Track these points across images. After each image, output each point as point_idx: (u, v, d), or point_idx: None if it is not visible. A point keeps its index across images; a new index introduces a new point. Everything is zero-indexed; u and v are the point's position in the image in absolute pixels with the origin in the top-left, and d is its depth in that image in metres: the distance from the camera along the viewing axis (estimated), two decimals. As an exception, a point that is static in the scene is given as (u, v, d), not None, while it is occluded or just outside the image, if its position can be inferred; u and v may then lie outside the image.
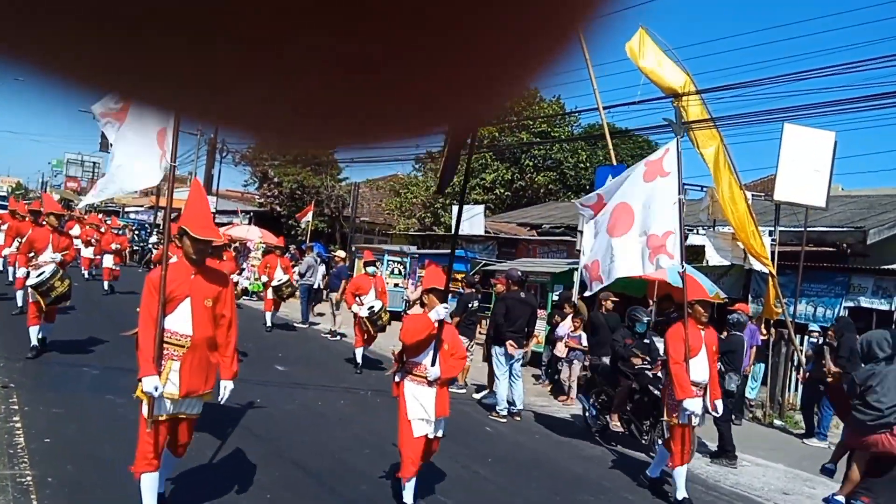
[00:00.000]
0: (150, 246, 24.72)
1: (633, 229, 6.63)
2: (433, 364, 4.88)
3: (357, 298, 10.51)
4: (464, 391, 10.07)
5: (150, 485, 4.09)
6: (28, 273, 8.45)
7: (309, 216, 20.92)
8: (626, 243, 6.63)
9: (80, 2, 0.34)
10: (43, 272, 7.98)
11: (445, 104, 0.42)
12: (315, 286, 16.32)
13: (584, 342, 10.05)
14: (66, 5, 0.34)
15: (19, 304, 10.67)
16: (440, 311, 4.85)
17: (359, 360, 10.56)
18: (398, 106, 0.41)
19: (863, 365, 4.63)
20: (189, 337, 4.05)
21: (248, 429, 6.58)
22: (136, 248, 25.65)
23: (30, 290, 8.11)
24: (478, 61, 0.38)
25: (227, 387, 4.40)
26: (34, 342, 8.19)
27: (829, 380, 8.04)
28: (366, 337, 10.47)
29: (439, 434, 5.06)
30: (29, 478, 4.67)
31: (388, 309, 10.60)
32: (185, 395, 4.03)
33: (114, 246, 16.67)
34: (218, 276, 4.34)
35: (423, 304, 5.23)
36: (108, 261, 16.64)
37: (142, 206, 40.71)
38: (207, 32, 0.35)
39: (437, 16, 0.35)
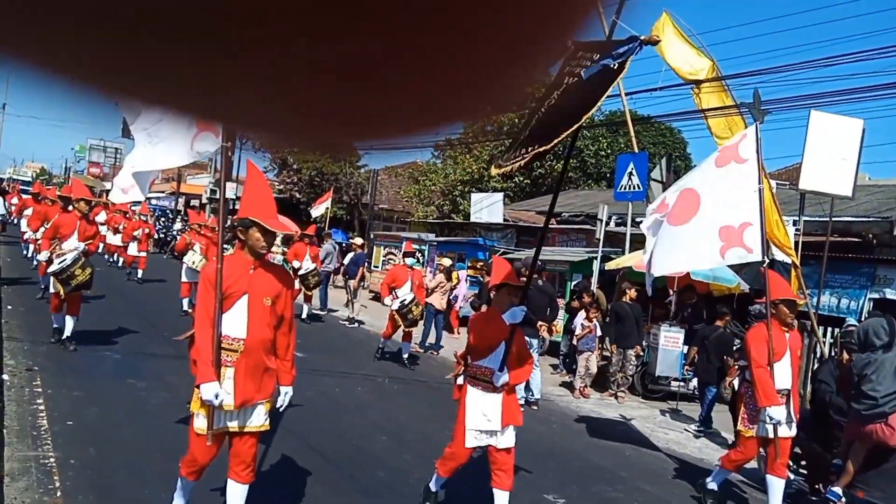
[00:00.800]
0: (174, 233, 24.64)
1: (698, 217, 5.98)
2: (501, 369, 4.41)
3: (392, 291, 10.18)
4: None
5: (187, 487, 3.93)
6: (50, 258, 8.21)
7: (325, 204, 20.95)
8: (688, 233, 5.99)
9: (79, 2, 0.33)
10: (64, 259, 7.83)
11: (446, 103, 0.41)
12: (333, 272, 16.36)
13: (599, 331, 9.99)
14: (66, 5, 0.33)
15: (43, 286, 10.56)
16: (517, 313, 4.36)
17: (380, 346, 10.45)
18: (398, 105, 0.41)
19: (860, 354, 4.53)
20: (242, 340, 3.65)
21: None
22: (161, 234, 25.72)
23: (51, 279, 7.97)
24: (478, 59, 0.37)
25: (286, 393, 4.01)
26: (56, 325, 8.21)
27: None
28: (397, 329, 10.14)
29: (509, 444, 4.56)
30: (52, 460, 4.75)
31: (418, 303, 10.23)
32: (240, 405, 3.66)
33: (137, 233, 16.58)
34: (279, 272, 3.93)
35: (489, 302, 4.77)
36: (133, 248, 16.56)
37: (163, 192, 41.17)
38: (207, 32, 0.34)
39: (436, 15, 0.34)
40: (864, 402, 3.97)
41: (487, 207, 19.05)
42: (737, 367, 6.75)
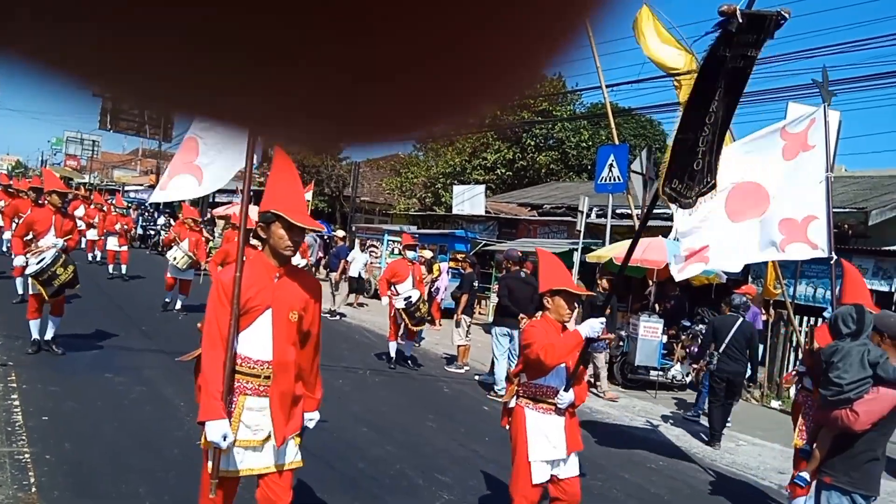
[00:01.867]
0: (158, 228, 23.72)
1: (768, 214, 5.50)
2: (567, 388, 3.87)
3: (392, 287, 9.49)
4: (462, 371, 10.09)
5: None
6: (27, 261, 7.33)
7: (308, 195, 20.83)
8: (752, 228, 5.55)
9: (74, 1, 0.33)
10: (43, 258, 7.11)
11: (446, 103, 0.41)
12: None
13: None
14: (61, 3, 0.33)
15: (20, 291, 9.86)
16: (595, 326, 3.76)
17: (392, 354, 9.63)
18: (399, 106, 0.40)
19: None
20: (268, 363, 3.03)
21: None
22: (141, 229, 24.63)
23: (30, 280, 7.25)
24: (481, 60, 0.37)
25: (312, 419, 3.34)
26: (34, 335, 7.38)
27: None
28: (402, 331, 9.52)
29: (575, 472, 4.00)
30: (27, 455, 4.69)
31: (425, 300, 9.62)
32: (281, 443, 3.06)
33: (117, 226, 15.59)
34: (306, 280, 3.21)
35: (543, 308, 4.04)
36: (112, 243, 15.45)
37: (142, 184, 40.70)
38: (206, 32, 0.33)
39: (437, 15, 0.34)
40: (830, 389, 4.03)
41: (469, 199, 19.04)
42: (795, 372, 6.24)
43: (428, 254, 12.54)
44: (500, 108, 0.44)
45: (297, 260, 11.55)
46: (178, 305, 11.53)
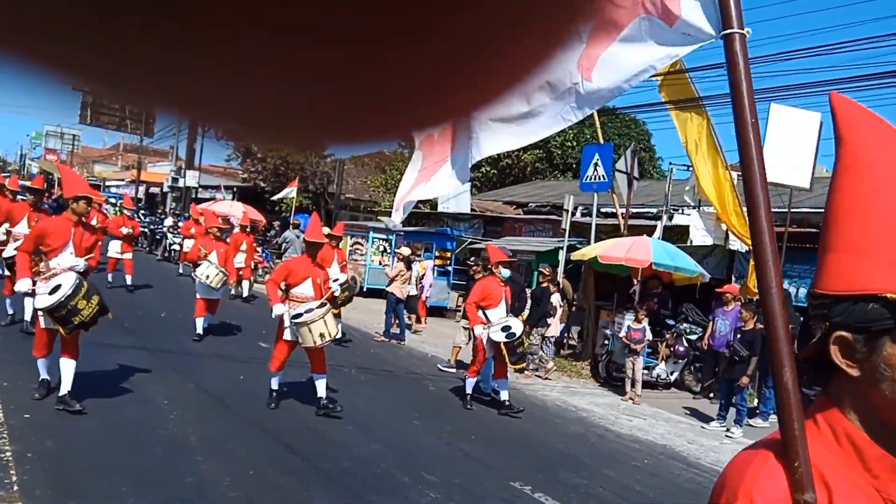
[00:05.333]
0: (165, 230, 20.92)
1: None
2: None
3: (483, 314, 7.91)
4: (454, 370, 10.09)
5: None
6: (34, 284, 5.60)
7: (289, 190, 20.66)
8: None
9: None
10: (58, 286, 5.34)
11: (445, 102, 0.40)
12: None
13: (648, 334, 9.54)
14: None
15: (10, 311, 8.22)
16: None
17: (469, 391, 8.07)
18: (395, 106, 0.39)
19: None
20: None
21: (232, 406, 6.57)
22: (147, 231, 21.60)
23: (40, 314, 5.52)
24: (479, 58, 0.36)
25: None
26: (43, 376, 5.86)
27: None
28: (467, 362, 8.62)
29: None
30: (8, 453, 4.62)
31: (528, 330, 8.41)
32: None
33: (123, 230, 13.08)
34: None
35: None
36: (115, 248, 13.09)
37: (123, 180, 40.27)
38: (195, 26, 0.32)
39: (435, 14, 0.33)
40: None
41: (455, 197, 19.04)
42: None
43: (405, 250, 12.44)
44: (487, 108, 0.43)
45: (337, 274, 9.86)
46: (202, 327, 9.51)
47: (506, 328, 7.47)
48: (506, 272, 7.90)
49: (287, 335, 6.52)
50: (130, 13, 0.32)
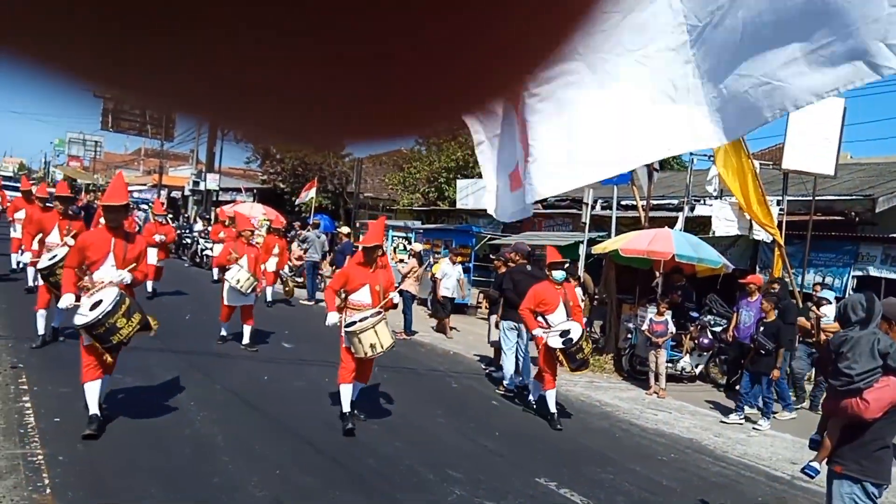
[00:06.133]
0: (196, 235, 20.33)
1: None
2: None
3: (541, 319, 7.46)
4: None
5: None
6: (78, 300, 5.30)
7: (310, 193, 20.77)
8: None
9: None
10: (99, 301, 5.12)
11: (455, 97, 0.40)
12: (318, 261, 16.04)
13: (671, 327, 9.47)
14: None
15: (41, 332, 7.78)
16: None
17: (534, 398, 7.98)
18: (408, 102, 0.39)
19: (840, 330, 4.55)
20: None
21: (257, 406, 6.62)
22: (176, 236, 19.71)
23: (82, 332, 5.22)
24: (487, 53, 0.36)
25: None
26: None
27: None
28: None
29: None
30: (40, 457, 4.71)
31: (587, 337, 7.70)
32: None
33: (157, 237, 12.47)
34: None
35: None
36: (151, 257, 11.32)
37: (144, 184, 40.76)
38: (207, 27, 0.32)
39: (441, 10, 0.33)
40: (840, 379, 4.01)
41: (473, 194, 18.99)
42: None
43: (417, 246, 12.43)
44: (503, 102, 0.43)
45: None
46: (247, 338, 9.28)
47: (564, 333, 7.15)
48: (559, 274, 7.52)
49: (345, 343, 6.25)
50: (145, 15, 0.32)
